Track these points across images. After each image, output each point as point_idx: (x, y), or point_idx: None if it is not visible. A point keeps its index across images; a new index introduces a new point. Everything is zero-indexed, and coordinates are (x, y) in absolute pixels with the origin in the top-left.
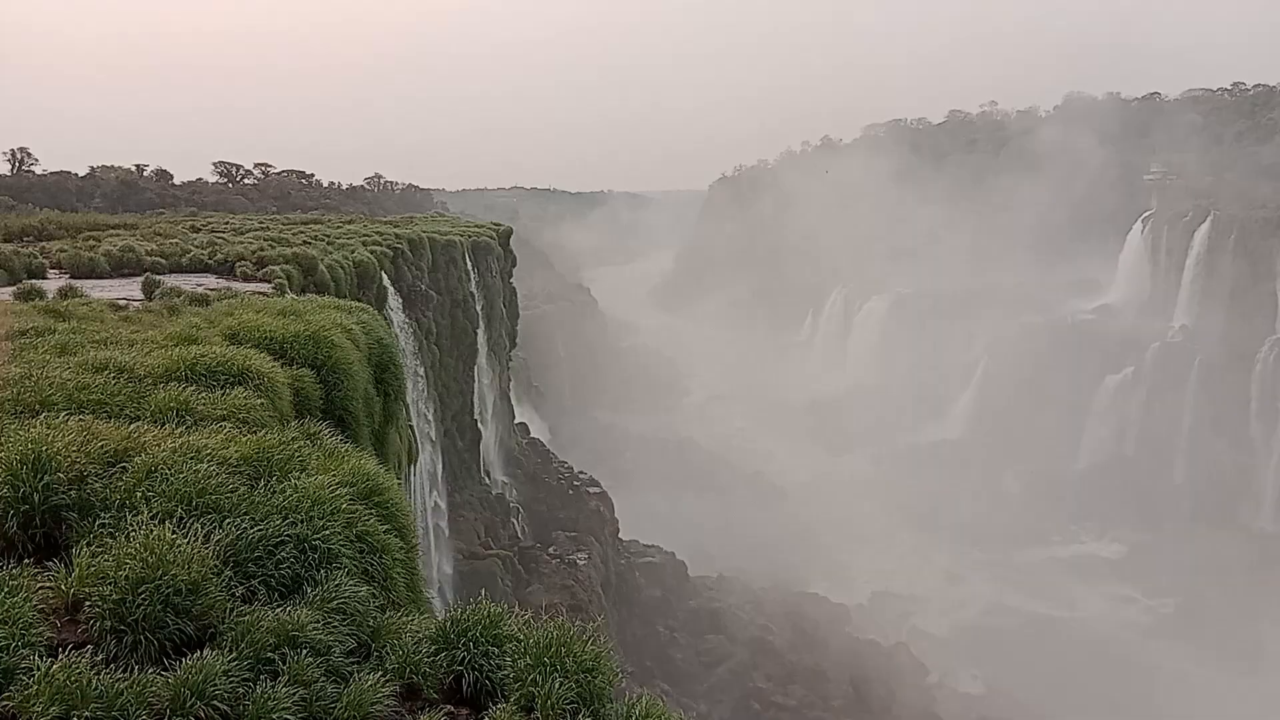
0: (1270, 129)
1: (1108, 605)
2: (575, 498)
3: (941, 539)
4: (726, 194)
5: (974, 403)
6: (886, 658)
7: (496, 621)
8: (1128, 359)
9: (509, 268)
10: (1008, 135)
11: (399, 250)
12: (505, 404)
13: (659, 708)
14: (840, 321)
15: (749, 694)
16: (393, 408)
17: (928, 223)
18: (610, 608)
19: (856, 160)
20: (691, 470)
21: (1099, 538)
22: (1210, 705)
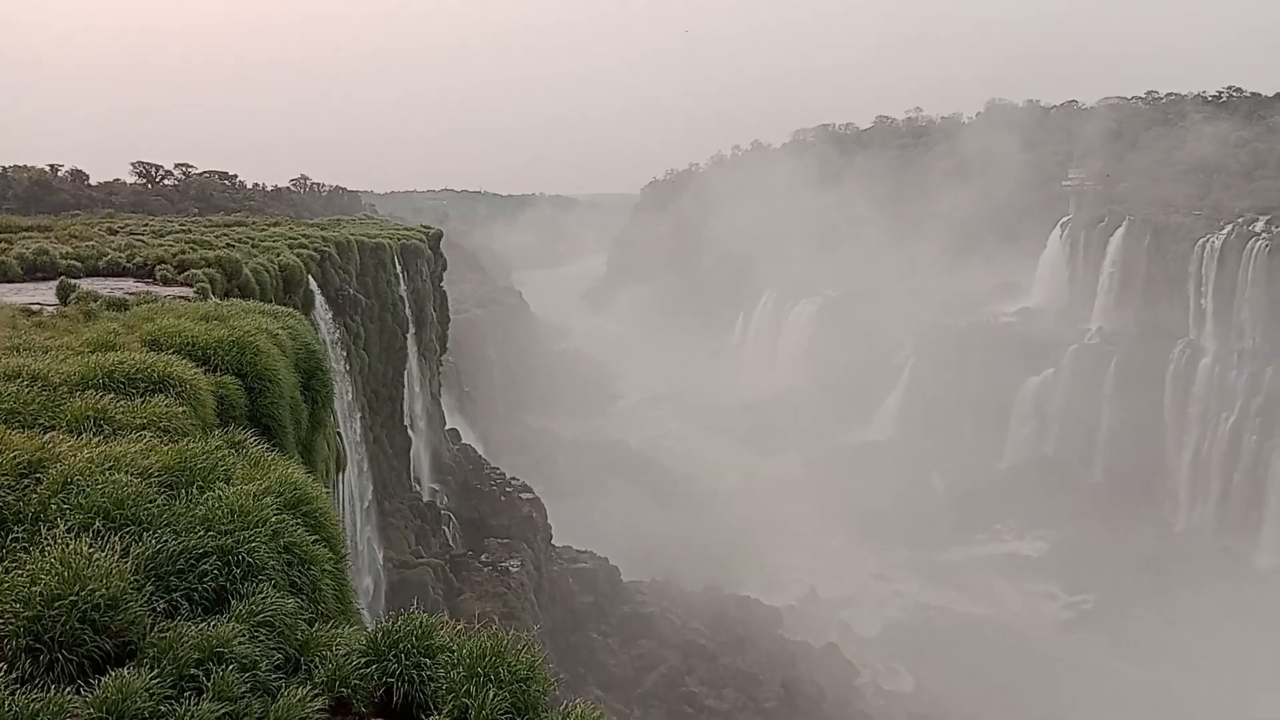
0: (1182, 136)
1: (1030, 602)
2: (507, 504)
3: (870, 539)
4: (657, 197)
5: (901, 404)
6: (817, 658)
7: (428, 632)
8: (1048, 360)
9: (439, 271)
10: (933, 141)
11: (326, 254)
12: (436, 410)
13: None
14: (770, 324)
15: (682, 698)
16: (320, 415)
17: (856, 226)
18: (543, 614)
19: (786, 164)
20: (624, 474)
21: (1021, 536)
22: (1128, 699)
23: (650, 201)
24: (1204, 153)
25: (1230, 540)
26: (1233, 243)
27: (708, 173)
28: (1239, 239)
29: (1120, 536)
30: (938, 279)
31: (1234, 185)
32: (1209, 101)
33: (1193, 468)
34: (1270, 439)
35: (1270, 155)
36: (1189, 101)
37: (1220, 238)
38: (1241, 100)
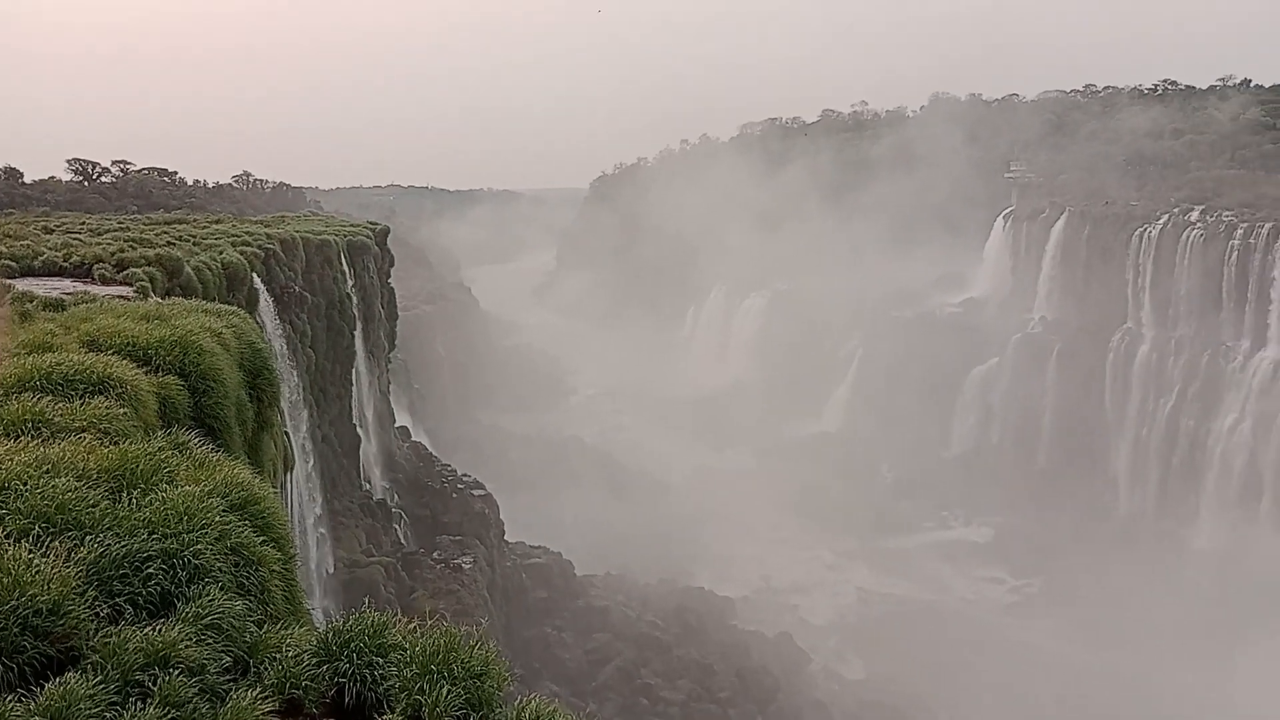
0: (1119, 129)
1: (977, 587)
2: (459, 501)
3: (821, 529)
4: (606, 192)
5: (850, 395)
6: (771, 648)
7: (380, 631)
8: (992, 350)
9: (386, 267)
10: (878, 134)
11: (271, 251)
12: (385, 407)
13: (549, 709)
14: (720, 317)
15: (637, 690)
16: (267, 414)
17: (803, 220)
18: (497, 610)
19: (733, 158)
20: (577, 469)
21: (968, 523)
22: (1074, 679)
23: (599, 196)
24: (1140, 145)
25: (1169, 523)
26: (1169, 232)
27: (656, 167)
28: (1175, 229)
29: (1064, 521)
30: (884, 271)
31: (1169, 176)
32: (1145, 94)
33: (1133, 453)
34: (1206, 423)
35: (1203, 146)
36: (1125, 94)
37: (1157, 228)
38: (1176, 93)
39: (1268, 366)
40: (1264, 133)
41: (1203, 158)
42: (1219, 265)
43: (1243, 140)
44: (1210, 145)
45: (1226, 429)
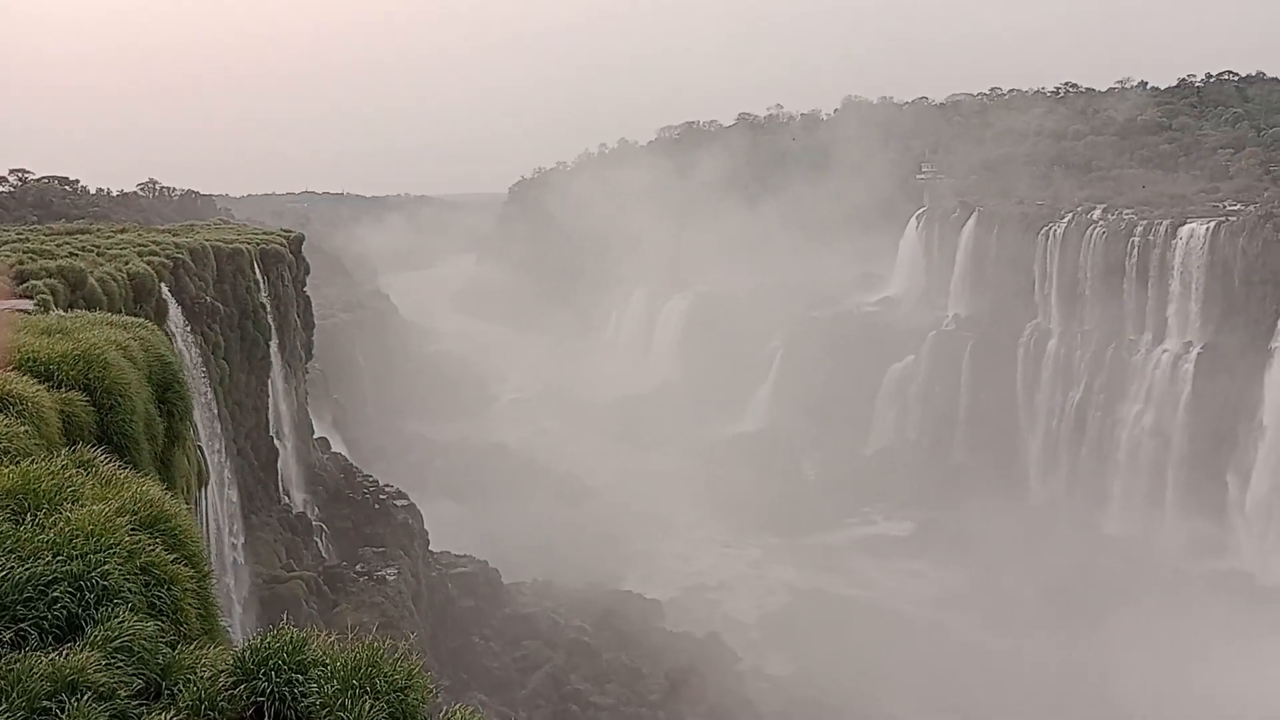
0: (1024, 131)
1: (899, 580)
2: (382, 512)
3: (746, 528)
4: (526, 196)
5: (772, 395)
6: (699, 649)
7: (300, 647)
8: (908, 348)
9: (302, 276)
10: (793, 137)
11: (179, 260)
12: (304, 418)
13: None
14: (643, 320)
15: (567, 696)
16: (178, 428)
17: (722, 222)
18: (423, 622)
19: (652, 161)
20: (501, 475)
21: (889, 518)
22: (996, 667)
23: (518, 200)
24: (1045, 145)
25: (1081, 510)
26: (1073, 230)
27: (575, 170)
28: (1078, 227)
29: (981, 512)
30: (803, 272)
31: (1073, 176)
32: (1048, 96)
33: (1044, 444)
34: (1112, 414)
35: (1104, 146)
36: (1029, 96)
37: (1062, 226)
38: (1077, 95)
39: (1168, 358)
40: (1160, 132)
41: (1103, 157)
42: (1121, 261)
43: (1141, 140)
44: (1110, 145)
45: (1131, 418)
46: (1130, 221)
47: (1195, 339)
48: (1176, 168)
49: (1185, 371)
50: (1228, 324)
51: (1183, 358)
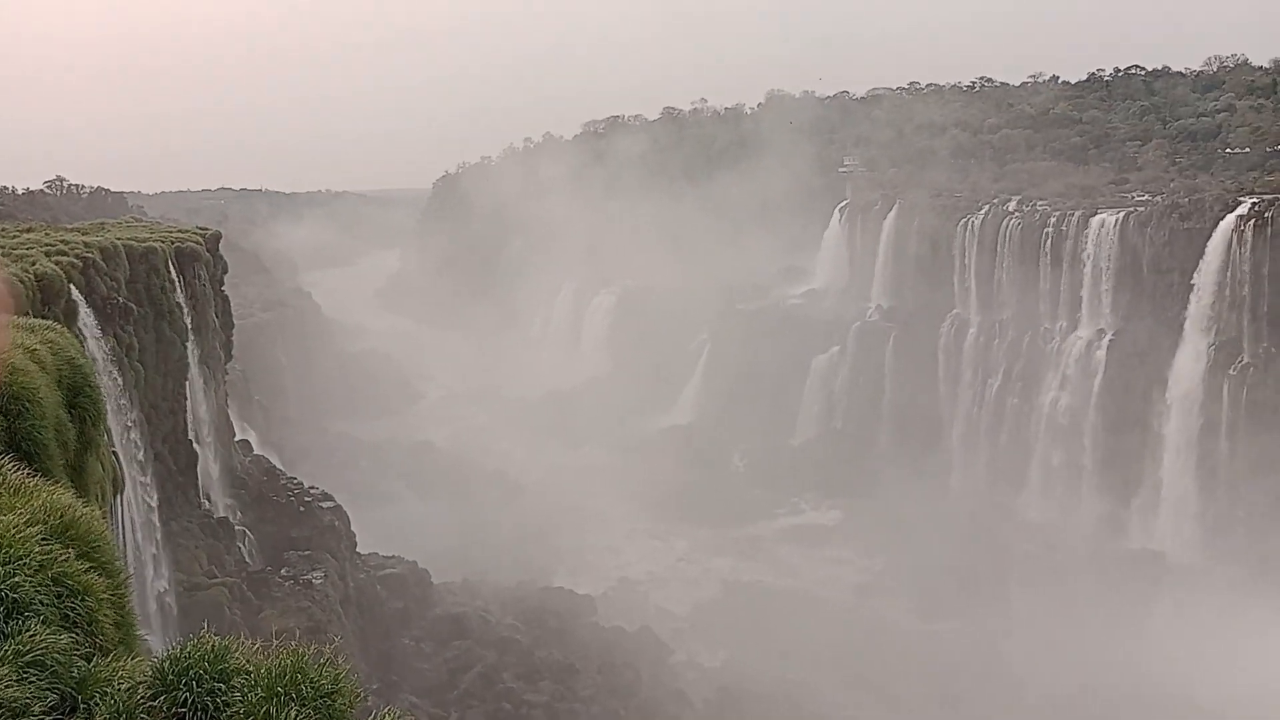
0: (942, 124)
1: (828, 569)
2: (307, 514)
3: (677, 521)
4: (450, 192)
5: (700, 388)
6: (632, 642)
7: (222, 655)
8: (833, 339)
9: (220, 274)
10: (718, 132)
11: (90, 260)
12: (224, 421)
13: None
14: (571, 316)
15: (499, 695)
16: (90, 434)
17: (649, 217)
18: (351, 625)
19: (577, 156)
20: (430, 474)
21: (817, 507)
22: (921, 651)
23: (443, 196)
24: (962, 139)
25: (1002, 497)
26: (990, 222)
27: (500, 165)
28: (995, 218)
29: (905, 500)
30: (729, 265)
31: (989, 168)
32: (964, 91)
33: (965, 431)
34: (1029, 401)
35: (1019, 140)
36: (946, 91)
37: (979, 217)
38: (992, 89)
39: (1081, 345)
40: (1071, 125)
41: (1018, 150)
42: (1035, 252)
43: (1053, 133)
44: (1024, 138)
45: (1047, 405)
46: (1044, 212)
47: (1107, 326)
48: (1087, 159)
49: (1098, 358)
50: (1137, 311)
51: (1095, 344)
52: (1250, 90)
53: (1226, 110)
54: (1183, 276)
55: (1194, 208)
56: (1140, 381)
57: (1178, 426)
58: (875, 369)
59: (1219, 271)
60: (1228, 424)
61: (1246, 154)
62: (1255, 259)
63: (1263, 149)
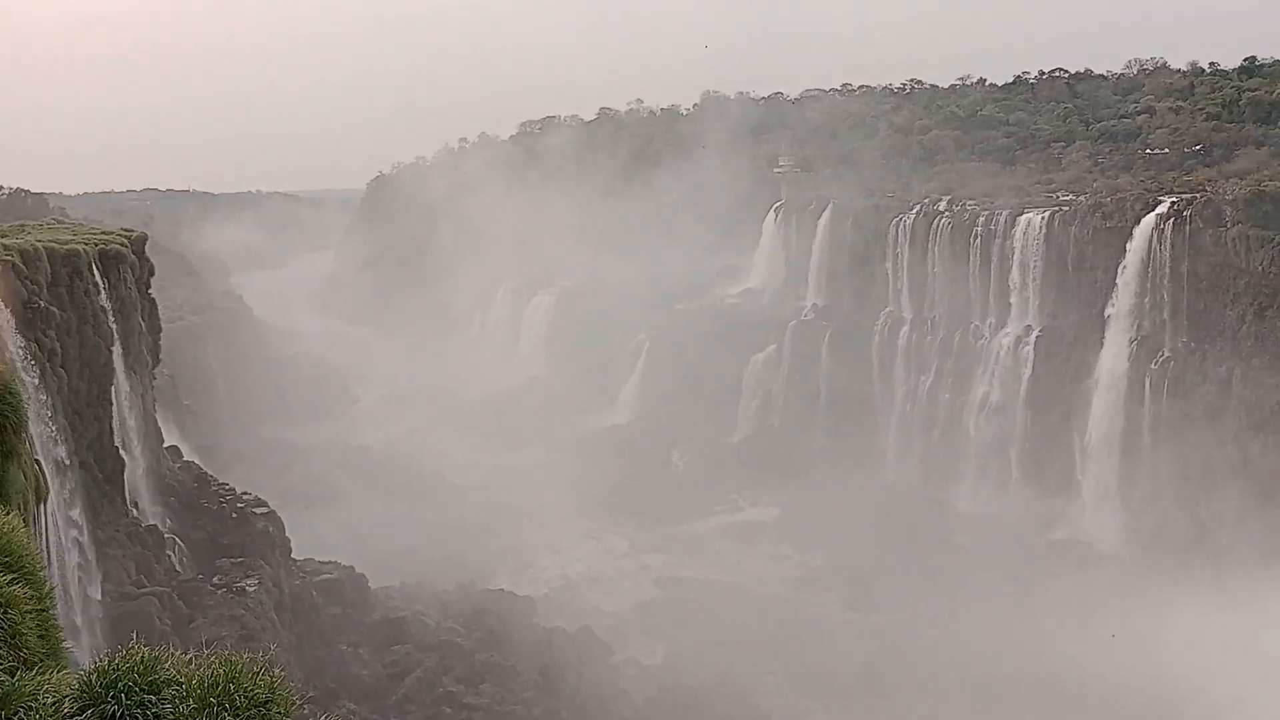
0: (874, 126)
1: (766, 564)
2: (240, 521)
3: (618, 521)
4: (385, 192)
5: (639, 388)
6: (572, 643)
7: (152, 666)
8: (770, 338)
9: (146, 277)
10: (654, 132)
11: (9, 263)
12: (152, 426)
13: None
14: (509, 316)
15: (440, 699)
16: (11, 442)
17: (586, 217)
18: (287, 632)
19: (514, 156)
20: (367, 478)
21: (755, 504)
22: (859, 644)
23: (377, 196)
24: (894, 140)
25: (935, 490)
26: (921, 221)
27: (435, 165)
28: (926, 218)
29: (842, 496)
30: (667, 265)
31: (919, 169)
32: (895, 92)
33: (900, 427)
34: (961, 396)
35: (948, 141)
36: (878, 92)
37: (911, 217)
38: (922, 91)
39: (1010, 341)
40: (998, 127)
41: (947, 152)
42: (965, 250)
43: (981, 134)
44: (954, 139)
45: (978, 400)
46: (973, 212)
47: (1034, 323)
48: (1014, 160)
49: (1026, 354)
50: (1063, 308)
51: (1023, 340)
52: (1169, 93)
53: (1146, 112)
54: (1106, 274)
55: (1116, 207)
56: (1066, 376)
57: (1102, 419)
58: (811, 367)
59: (1140, 269)
60: (1150, 416)
61: (1166, 154)
62: (1174, 257)
63: (1181, 150)
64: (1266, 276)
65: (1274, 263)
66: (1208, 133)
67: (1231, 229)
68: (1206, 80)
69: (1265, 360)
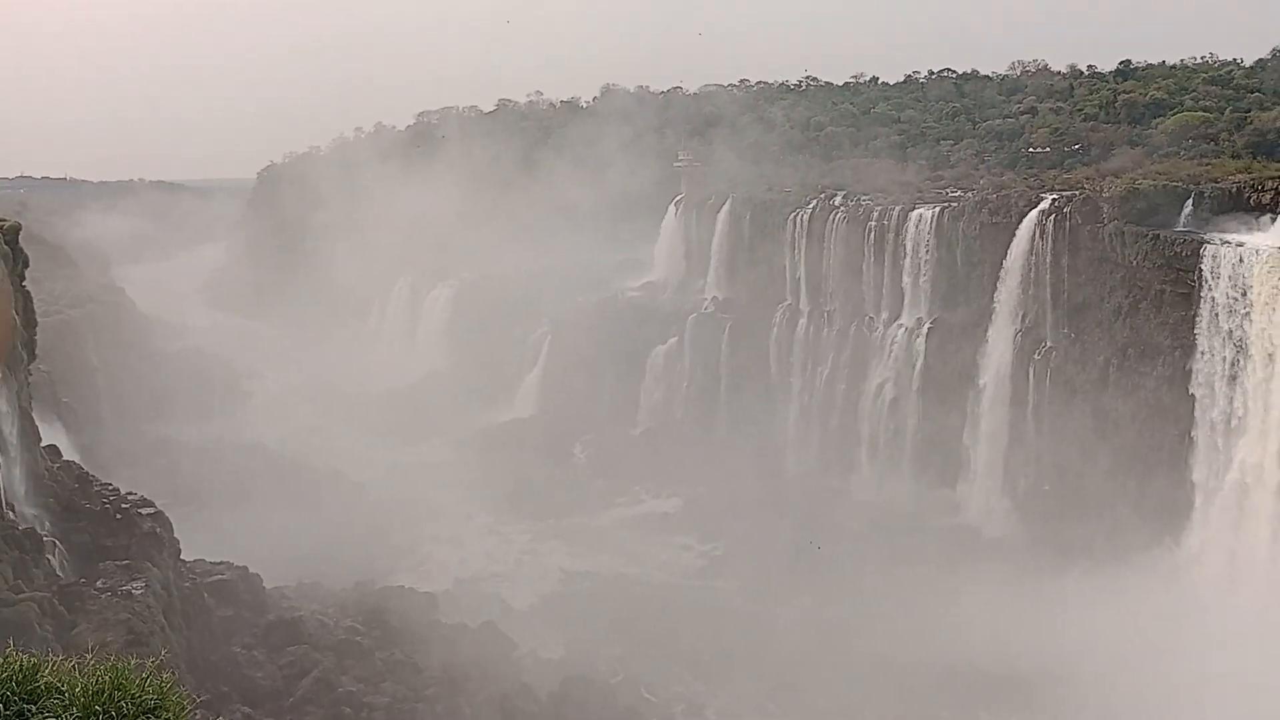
0: (772, 121)
1: (669, 555)
2: (125, 522)
3: (520, 514)
4: (277, 182)
5: (541, 381)
6: (474, 638)
7: (31, 674)
8: (672, 330)
9: (20, 269)
10: (555, 124)
11: None
12: (28, 425)
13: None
14: (408, 310)
15: (339, 700)
16: None
17: (486, 209)
18: (176, 636)
19: (410, 147)
20: (261, 476)
21: (658, 495)
22: (758, 631)
23: (269, 186)
24: (791, 136)
25: (832, 479)
26: (818, 216)
27: (330, 155)
28: (822, 212)
29: (743, 486)
30: (568, 258)
31: (815, 165)
32: (792, 89)
33: (798, 418)
34: (856, 387)
35: (843, 137)
36: (775, 88)
37: (807, 212)
38: (818, 88)
39: (903, 334)
40: (891, 124)
41: (842, 148)
42: (860, 244)
43: (874, 131)
44: (849, 136)
45: (872, 391)
46: (868, 207)
47: (926, 315)
48: (906, 157)
49: (918, 346)
50: (953, 301)
51: (916, 333)
52: (1050, 93)
53: (1029, 112)
54: (992, 268)
55: (1001, 204)
56: (956, 367)
57: (990, 408)
58: (712, 359)
59: (1024, 263)
60: (1034, 405)
61: (1047, 153)
62: (1055, 251)
63: (1061, 148)
64: (1140, 270)
65: (1147, 257)
66: (1086, 132)
67: (1108, 225)
68: (1085, 82)
69: (1139, 350)
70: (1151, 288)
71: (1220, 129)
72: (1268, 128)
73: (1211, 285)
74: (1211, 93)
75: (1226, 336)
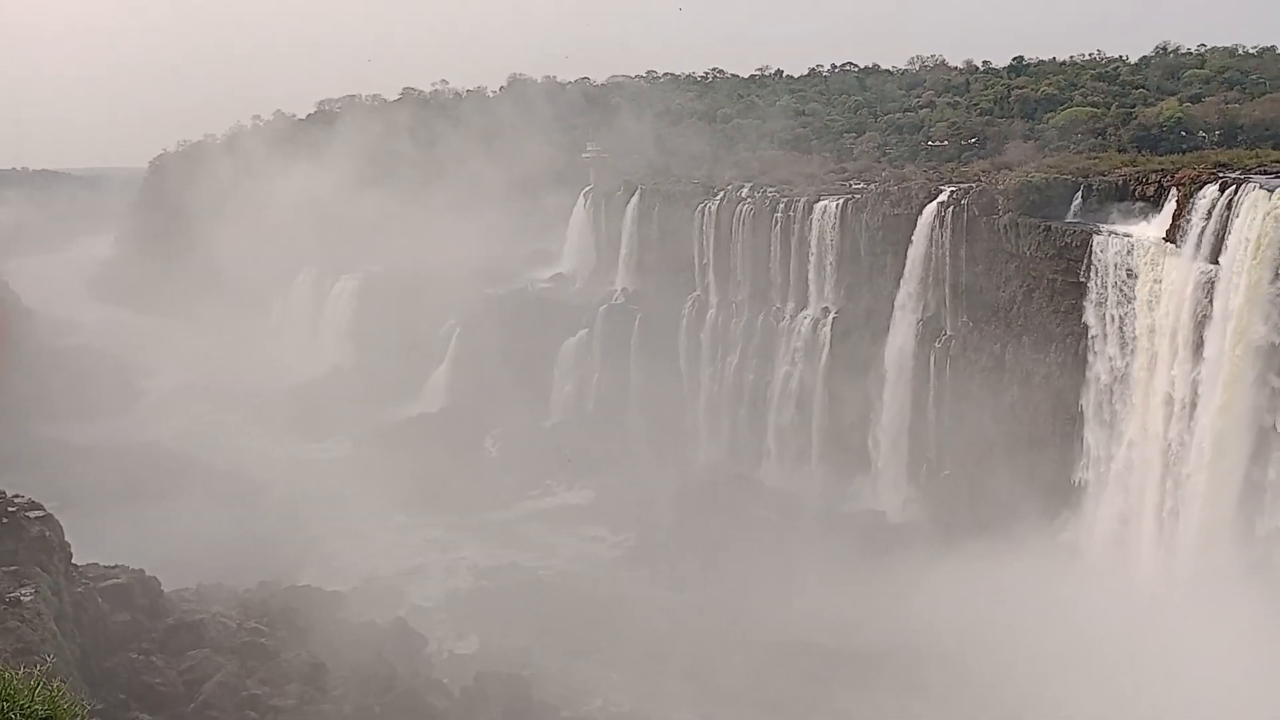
0: (680, 112)
1: (581, 547)
2: (12, 526)
3: (429, 510)
4: (170, 172)
5: (450, 375)
6: (384, 636)
7: None
8: (582, 322)
9: None
10: (461, 114)
11: None
12: None
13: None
14: (310, 303)
15: (243, 703)
16: None
17: (390, 200)
18: (69, 643)
19: (312, 136)
20: (157, 476)
21: (570, 488)
22: (670, 620)
23: (161, 176)
24: (697, 127)
25: (742, 467)
26: (725, 207)
27: (226, 144)
28: (730, 204)
29: (654, 476)
30: (476, 250)
31: (723, 157)
32: (698, 81)
33: (708, 407)
34: (764, 376)
35: (750, 129)
36: (682, 80)
37: (715, 203)
38: (724, 81)
39: (809, 324)
40: (796, 118)
41: (748, 140)
42: (767, 236)
43: (780, 124)
44: (755, 128)
45: (780, 380)
46: (774, 198)
47: (831, 305)
48: (810, 149)
49: (824, 335)
50: (857, 291)
51: (821, 323)
52: (948, 88)
53: (928, 106)
54: (894, 259)
55: (902, 195)
56: (861, 356)
57: (893, 396)
58: (622, 351)
59: (924, 254)
60: (934, 392)
61: (945, 146)
62: (953, 242)
63: (958, 142)
64: (1033, 260)
65: (1040, 247)
66: (981, 126)
67: (1003, 216)
68: (980, 78)
69: (1033, 338)
70: (1044, 277)
71: (1108, 123)
72: (1151, 122)
73: (1100, 275)
74: (1099, 88)
75: (1114, 323)
